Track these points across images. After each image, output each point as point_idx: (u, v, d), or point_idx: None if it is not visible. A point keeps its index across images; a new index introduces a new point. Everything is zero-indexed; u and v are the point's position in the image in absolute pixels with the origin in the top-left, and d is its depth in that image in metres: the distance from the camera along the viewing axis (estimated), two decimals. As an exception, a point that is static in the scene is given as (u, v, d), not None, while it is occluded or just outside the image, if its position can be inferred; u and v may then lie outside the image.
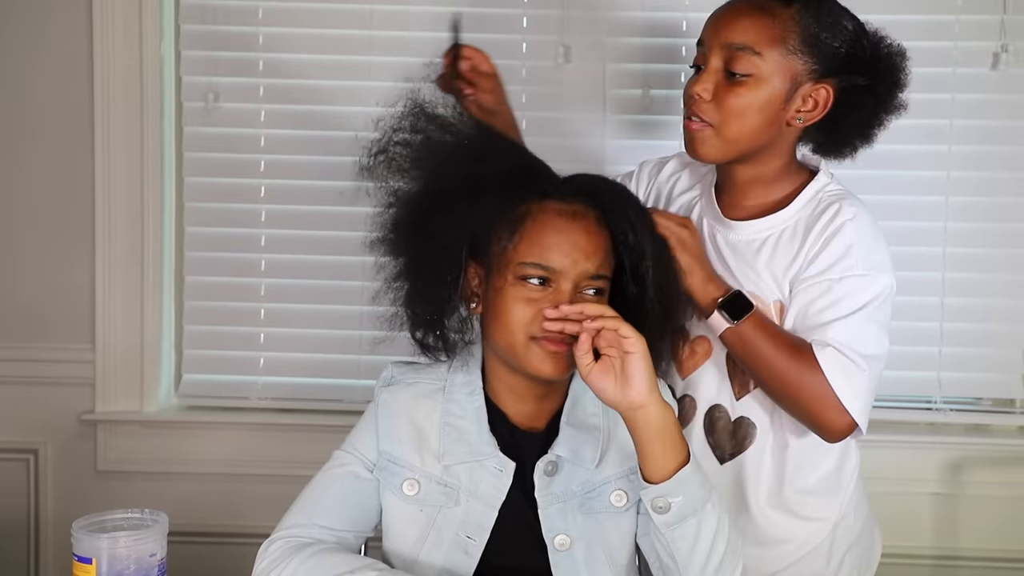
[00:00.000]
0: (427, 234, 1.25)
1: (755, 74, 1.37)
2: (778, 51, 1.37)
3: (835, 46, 1.39)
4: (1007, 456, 2.21)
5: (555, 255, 1.22)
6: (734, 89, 1.38)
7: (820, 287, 1.38)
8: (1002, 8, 2.14)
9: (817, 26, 1.38)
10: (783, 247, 1.43)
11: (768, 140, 1.42)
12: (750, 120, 1.39)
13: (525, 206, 1.24)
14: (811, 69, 1.39)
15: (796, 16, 1.38)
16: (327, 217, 2.24)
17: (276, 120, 2.25)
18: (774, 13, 1.38)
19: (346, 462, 1.34)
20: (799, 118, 1.42)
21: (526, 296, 1.23)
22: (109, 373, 2.27)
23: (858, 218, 1.40)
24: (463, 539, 1.29)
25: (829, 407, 1.34)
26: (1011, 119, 2.18)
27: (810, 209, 1.43)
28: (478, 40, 2.21)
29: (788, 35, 1.37)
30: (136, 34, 2.20)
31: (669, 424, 1.19)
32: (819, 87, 1.40)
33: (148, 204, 2.24)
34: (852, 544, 1.50)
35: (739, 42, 1.37)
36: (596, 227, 1.26)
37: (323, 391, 2.29)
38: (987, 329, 2.21)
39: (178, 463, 2.28)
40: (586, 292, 1.24)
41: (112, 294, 2.25)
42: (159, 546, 1.26)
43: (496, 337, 1.27)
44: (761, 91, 1.38)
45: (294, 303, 2.28)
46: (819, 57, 1.38)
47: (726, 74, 1.39)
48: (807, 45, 1.38)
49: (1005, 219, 2.20)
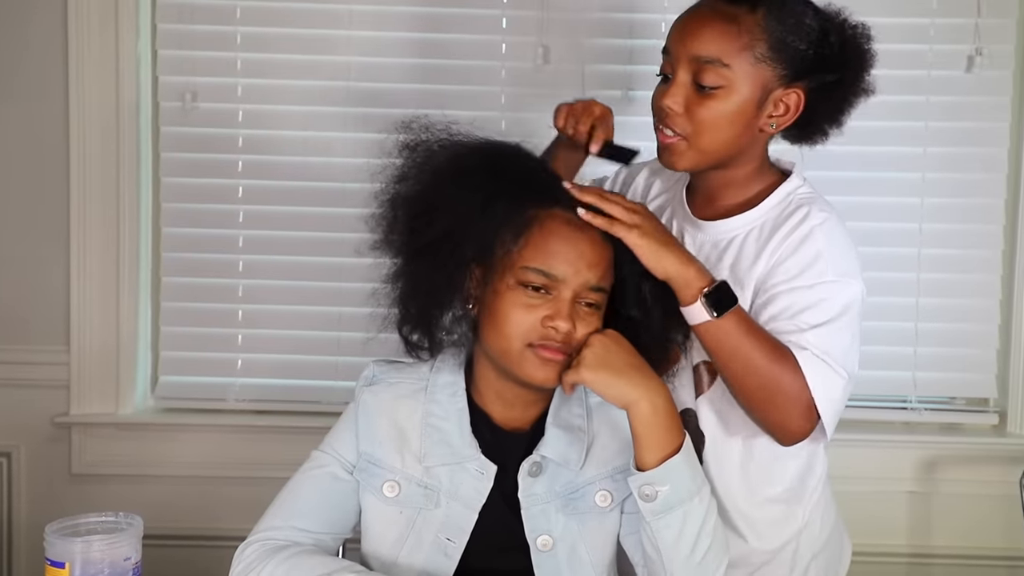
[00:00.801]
0: (433, 232, 1.24)
1: (725, 85, 1.34)
2: (746, 60, 1.34)
3: (802, 49, 1.36)
4: (981, 455, 2.24)
5: (559, 263, 1.23)
6: (705, 101, 1.35)
7: (792, 295, 1.35)
8: (976, 12, 2.17)
9: (783, 30, 1.35)
10: (748, 248, 1.41)
11: (742, 147, 1.41)
12: (723, 131, 1.37)
13: (533, 211, 1.24)
14: (780, 75, 1.36)
15: (762, 22, 1.34)
16: (305, 218, 2.23)
17: (254, 120, 2.24)
18: (739, 21, 1.34)
19: (324, 463, 1.33)
20: (772, 123, 1.40)
21: (525, 302, 1.23)
22: (84, 375, 2.25)
23: (827, 223, 1.38)
24: (443, 541, 1.29)
25: (800, 408, 1.32)
26: (985, 121, 2.20)
27: (779, 211, 1.41)
28: (457, 40, 2.22)
29: (755, 43, 1.34)
30: (112, 33, 2.19)
31: (660, 415, 1.20)
32: (790, 91, 1.38)
33: (124, 205, 2.22)
34: (818, 552, 1.48)
35: (706, 55, 1.34)
36: (601, 239, 1.26)
37: (301, 393, 2.28)
38: (961, 329, 2.23)
39: (154, 466, 2.27)
40: (584, 303, 1.25)
41: (87, 295, 2.24)
42: (134, 550, 1.25)
43: (490, 341, 1.27)
44: (732, 101, 1.35)
45: (272, 304, 2.27)
46: (788, 63, 1.36)
47: (695, 87, 1.36)
48: (775, 51, 1.35)
49: (980, 220, 2.22)
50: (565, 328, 1.22)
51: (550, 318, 1.22)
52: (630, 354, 1.24)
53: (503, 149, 1.30)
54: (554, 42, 2.20)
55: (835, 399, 1.33)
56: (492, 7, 2.22)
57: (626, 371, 1.21)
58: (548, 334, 1.22)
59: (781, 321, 1.35)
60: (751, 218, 1.43)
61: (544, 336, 1.22)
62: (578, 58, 2.21)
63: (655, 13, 2.20)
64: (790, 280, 1.36)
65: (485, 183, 1.23)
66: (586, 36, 2.21)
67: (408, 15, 2.22)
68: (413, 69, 2.22)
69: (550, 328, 1.22)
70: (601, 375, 1.21)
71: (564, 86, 2.20)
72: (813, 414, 1.32)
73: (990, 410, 2.27)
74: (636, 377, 1.21)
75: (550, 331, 1.22)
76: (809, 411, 1.32)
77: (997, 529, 2.22)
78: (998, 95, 2.19)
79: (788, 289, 1.35)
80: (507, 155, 1.29)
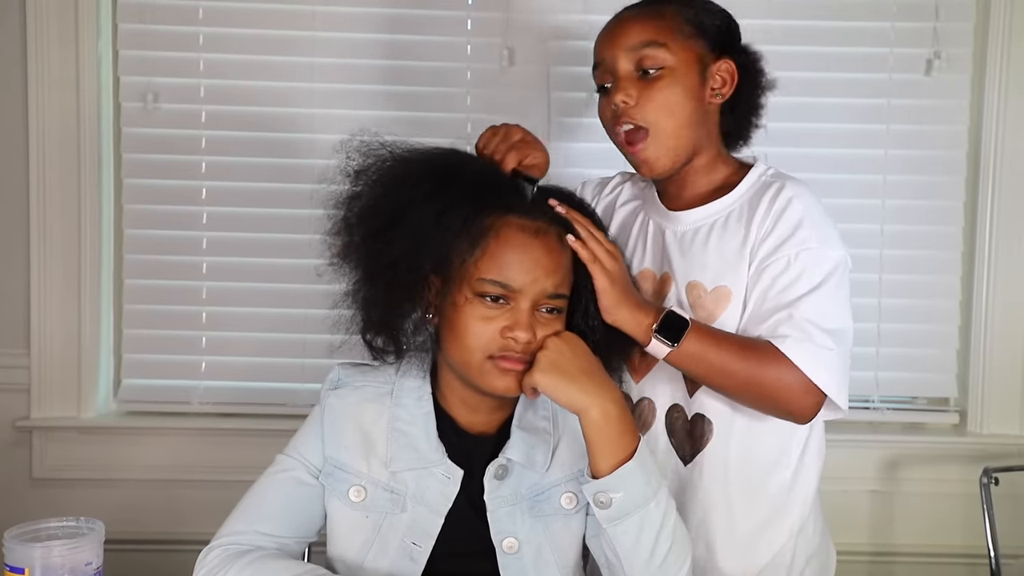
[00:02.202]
0: (389, 244, 1.23)
1: (667, 65, 1.41)
2: (677, 40, 1.42)
3: (717, 23, 1.46)
4: (942, 454, 2.27)
5: (515, 272, 1.22)
6: (654, 84, 1.41)
7: (779, 265, 1.38)
8: (934, 16, 2.20)
9: (695, 12, 1.44)
10: (731, 228, 1.44)
11: (700, 128, 1.45)
12: (680, 111, 1.42)
13: (488, 220, 1.23)
14: (708, 48, 1.44)
15: (676, 9, 1.44)
16: (269, 219, 2.22)
17: (217, 121, 2.23)
18: (658, 10, 1.44)
19: (289, 467, 1.33)
20: (717, 94, 1.46)
21: (483, 314, 1.22)
22: (45, 378, 2.22)
23: (803, 195, 1.42)
24: (409, 545, 1.29)
25: (797, 393, 1.34)
26: (944, 124, 2.23)
27: (754, 191, 1.45)
28: (423, 42, 2.22)
29: (678, 24, 1.42)
30: (72, 33, 2.16)
31: (612, 421, 1.19)
32: (720, 63, 1.45)
33: (85, 206, 2.20)
34: (812, 556, 1.51)
35: (641, 40, 1.41)
36: (558, 244, 1.26)
37: (266, 395, 2.26)
38: (923, 330, 2.26)
39: (117, 470, 2.24)
40: (543, 311, 1.24)
41: (48, 297, 2.21)
42: (95, 555, 1.23)
43: (450, 351, 1.26)
44: (677, 81, 1.41)
45: (236, 307, 2.26)
46: (710, 37, 1.44)
47: (639, 74, 1.42)
48: (697, 29, 1.44)
49: (940, 222, 2.25)
50: (525, 338, 1.21)
51: (509, 328, 1.22)
52: (584, 359, 1.23)
53: (451, 158, 1.30)
54: (519, 44, 2.21)
55: (833, 371, 1.35)
56: (457, 9, 2.22)
57: (578, 377, 1.21)
58: (508, 345, 1.22)
59: (769, 298, 1.38)
60: (728, 202, 1.47)
61: (504, 347, 1.22)
62: (543, 60, 2.22)
63: (620, 16, 2.21)
64: (776, 251, 1.39)
65: (438, 194, 1.22)
66: (551, 38, 2.21)
67: (373, 16, 2.21)
68: (378, 70, 2.22)
69: (509, 339, 1.22)
70: (553, 379, 1.20)
71: (529, 88, 2.21)
72: (815, 393, 1.34)
73: (951, 409, 2.30)
74: (587, 383, 1.20)
75: (510, 342, 1.22)
76: (808, 392, 1.34)
77: (958, 527, 2.25)
78: (957, 98, 2.22)
79: (775, 260, 1.39)
80: (456, 164, 1.29)
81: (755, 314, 1.40)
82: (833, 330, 1.36)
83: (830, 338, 1.35)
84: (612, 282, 1.30)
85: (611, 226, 1.59)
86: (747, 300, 1.41)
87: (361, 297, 1.28)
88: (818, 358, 1.34)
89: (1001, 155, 2.21)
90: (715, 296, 1.43)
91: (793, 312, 1.35)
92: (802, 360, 1.33)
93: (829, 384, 1.35)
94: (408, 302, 1.26)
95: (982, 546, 2.01)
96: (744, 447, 1.45)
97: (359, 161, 1.28)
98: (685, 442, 1.47)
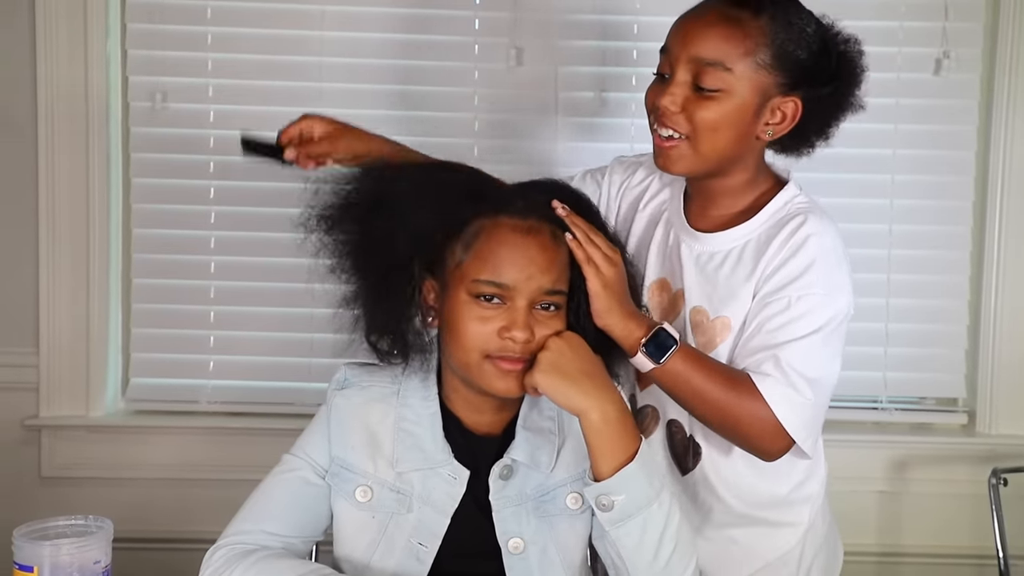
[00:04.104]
0: (380, 252, 1.23)
1: (725, 89, 1.33)
2: (748, 66, 1.33)
3: (803, 58, 1.36)
4: (950, 455, 2.26)
5: (509, 271, 1.20)
6: (704, 103, 1.34)
7: (779, 304, 1.35)
8: (944, 16, 2.19)
9: (786, 37, 1.34)
10: (745, 260, 1.40)
11: (738, 154, 1.40)
12: (723, 134, 1.36)
13: (478, 222, 1.22)
14: (780, 83, 1.36)
15: (766, 28, 1.34)
16: (277, 219, 2.21)
17: (225, 121, 2.23)
18: (743, 25, 1.33)
19: (296, 467, 1.33)
20: (768, 131, 1.39)
21: (480, 315, 1.21)
22: (54, 377, 2.23)
23: (823, 235, 1.37)
24: (415, 546, 1.29)
25: (768, 432, 1.33)
26: (953, 124, 2.23)
27: (775, 220, 1.41)
28: (430, 41, 2.22)
29: (758, 48, 1.33)
30: (81, 32, 2.17)
31: (611, 424, 1.19)
32: (787, 100, 1.37)
33: (94, 206, 2.21)
34: (819, 550, 1.50)
35: (709, 57, 1.33)
36: (551, 242, 1.24)
37: (274, 394, 2.27)
38: (931, 330, 2.26)
39: (125, 469, 2.25)
40: (541, 308, 1.23)
41: (57, 297, 2.22)
42: (103, 553, 1.24)
43: (451, 353, 1.26)
44: (730, 105, 1.34)
45: (244, 306, 2.26)
46: (788, 71, 1.35)
47: (694, 87, 1.35)
48: (776, 59, 1.34)
49: (948, 222, 2.25)
50: (522, 337, 1.20)
51: (507, 328, 1.20)
52: (585, 360, 1.22)
53: (434, 167, 1.29)
54: (527, 43, 2.20)
55: (805, 420, 1.34)
56: (465, 8, 2.22)
57: (578, 378, 1.20)
58: (506, 345, 1.21)
59: (761, 334, 1.35)
60: (748, 230, 1.42)
61: (502, 348, 1.21)
62: (551, 60, 2.22)
63: (628, 15, 2.21)
64: (780, 289, 1.36)
65: (427, 202, 1.22)
66: (559, 38, 2.21)
67: (381, 16, 2.21)
68: (385, 70, 2.22)
69: (507, 339, 1.21)
70: (552, 380, 1.20)
71: (537, 87, 2.21)
72: (784, 437, 1.33)
73: (959, 410, 2.29)
74: (587, 384, 1.20)
75: (508, 342, 1.21)
76: (778, 436, 1.33)
77: (966, 528, 2.24)
78: (966, 98, 2.22)
79: (777, 299, 1.35)
80: (440, 170, 1.28)
81: (745, 345, 1.38)
82: (814, 379, 1.33)
83: (810, 388, 1.33)
84: (605, 286, 1.27)
85: (633, 223, 1.56)
86: (744, 330, 1.39)
87: (361, 304, 1.28)
88: (793, 405, 1.32)
89: (1010, 155, 2.21)
90: (717, 325, 1.42)
91: (780, 354, 1.33)
92: (777, 404, 1.31)
93: (798, 432, 1.33)
94: (407, 309, 1.26)
95: (990, 547, 2.00)
96: (743, 460, 1.43)
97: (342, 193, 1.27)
98: (683, 457, 1.47)
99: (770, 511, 1.47)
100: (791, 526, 1.48)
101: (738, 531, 1.47)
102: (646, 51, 2.20)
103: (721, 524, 1.47)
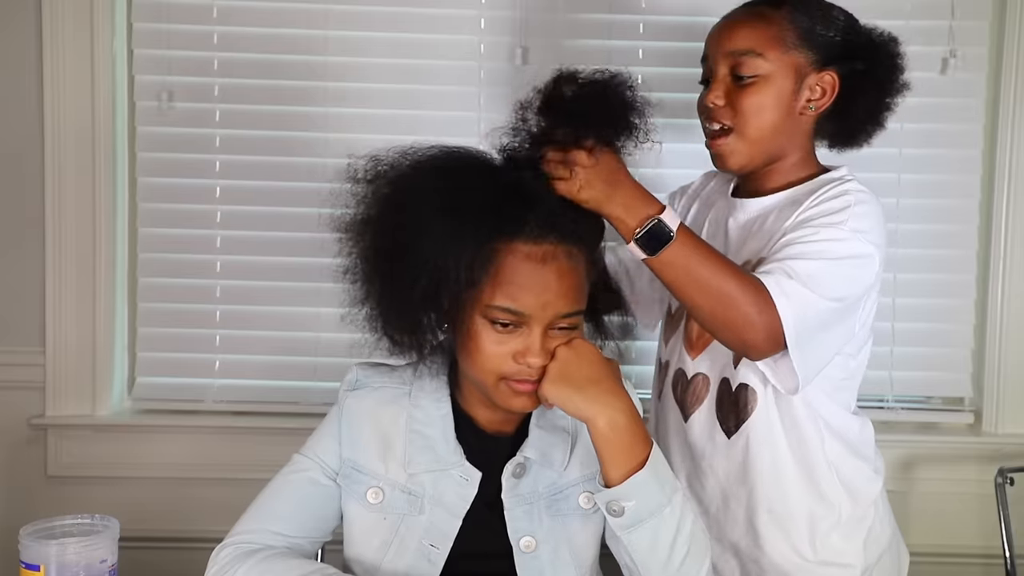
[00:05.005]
0: (400, 265, 1.20)
1: (761, 74, 1.46)
2: (778, 50, 1.46)
3: (831, 35, 1.48)
4: (957, 454, 2.25)
5: (525, 298, 1.19)
6: (744, 91, 1.46)
7: (806, 229, 1.38)
8: (950, 14, 2.19)
9: (809, 21, 1.47)
10: (785, 212, 1.46)
11: (785, 135, 1.49)
12: (766, 116, 1.47)
13: (495, 245, 1.19)
14: (812, 60, 1.47)
15: (788, 16, 1.47)
16: (283, 218, 2.22)
17: (231, 120, 2.23)
18: (767, 17, 1.47)
19: (305, 467, 1.33)
20: (811, 106, 1.49)
21: (495, 339, 1.21)
22: (60, 376, 2.23)
23: (861, 195, 1.44)
24: (426, 547, 1.29)
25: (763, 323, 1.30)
26: (959, 123, 2.22)
27: (818, 184, 1.48)
28: (435, 41, 2.22)
29: (784, 34, 1.46)
30: (87, 32, 2.17)
31: (619, 432, 1.19)
32: (823, 74, 1.48)
33: (100, 205, 2.21)
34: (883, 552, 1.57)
35: (740, 48, 1.46)
36: (568, 264, 1.22)
37: (280, 394, 2.27)
38: (937, 329, 2.25)
39: (131, 468, 2.25)
40: (558, 328, 1.22)
41: (63, 296, 2.22)
42: (110, 552, 1.24)
43: (466, 366, 1.26)
44: (770, 88, 1.46)
45: (250, 305, 2.26)
46: (817, 48, 1.47)
47: (734, 79, 1.47)
48: (804, 40, 1.47)
49: (954, 221, 2.24)
50: (538, 364, 1.20)
51: (522, 354, 1.20)
52: (592, 367, 1.22)
53: (467, 170, 1.24)
54: (533, 43, 2.20)
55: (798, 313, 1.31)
56: (470, 7, 2.22)
57: (585, 386, 1.20)
58: (522, 370, 1.21)
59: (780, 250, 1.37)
60: (790, 192, 1.50)
61: (518, 372, 1.21)
62: (557, 59, 2.20)
63: (634, 15, 2.21)
64: (810, 221, 1.40)
65: (448, 217, 1.18)
66: (564, 37, 2.21)
67: (386, 15, 2.21)
68: (391, 69, 2.22)
69: (523, 365, 1.21)
70: (561, 389, 1.20)
71: (543, 87, 2.20)
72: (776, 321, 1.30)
73: (965, 409, 2.29)
74: (594, 392, 1.20)
75: (523, 368, 1.21)
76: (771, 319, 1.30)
77: (972, 528, 2.24)
78: (972, 97, 2.21)
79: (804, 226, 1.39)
80: (470, 176, 1.23)
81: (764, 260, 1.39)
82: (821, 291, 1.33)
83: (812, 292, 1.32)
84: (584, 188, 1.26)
85: (689, 212, 1.69)
86: None
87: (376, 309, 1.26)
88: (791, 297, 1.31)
89: (1017, 154, 2.20)
90: None
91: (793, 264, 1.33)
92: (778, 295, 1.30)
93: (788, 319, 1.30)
94: (425, 316, 1.24)
95: (997, 546, 2.00)
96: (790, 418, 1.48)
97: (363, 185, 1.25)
98: (730, 413, 1.50)
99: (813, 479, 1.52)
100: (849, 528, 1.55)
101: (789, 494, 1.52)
102: (652, 50, 2.20)
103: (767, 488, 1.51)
